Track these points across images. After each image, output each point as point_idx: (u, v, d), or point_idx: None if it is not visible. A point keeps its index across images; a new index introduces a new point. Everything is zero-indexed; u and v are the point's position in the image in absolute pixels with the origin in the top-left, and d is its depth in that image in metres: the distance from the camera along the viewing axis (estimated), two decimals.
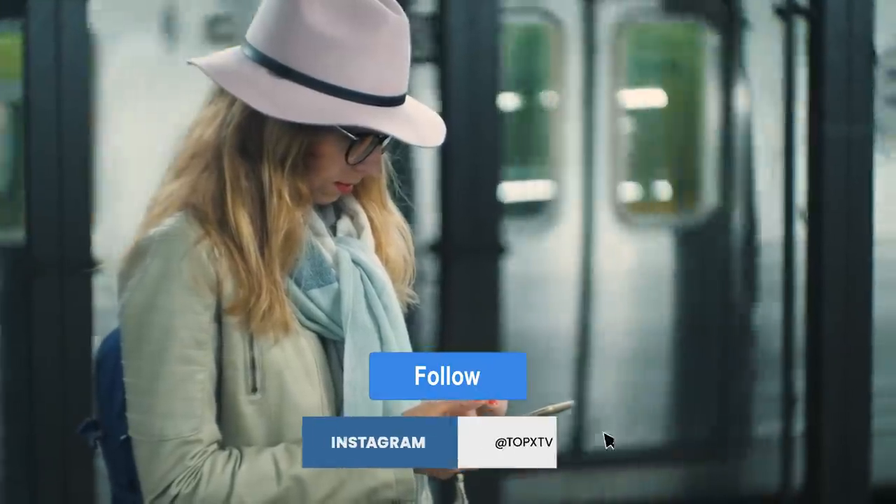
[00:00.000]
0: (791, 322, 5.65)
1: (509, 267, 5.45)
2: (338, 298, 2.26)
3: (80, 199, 4.72)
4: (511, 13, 5.96)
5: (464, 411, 2.19)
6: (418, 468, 2.23)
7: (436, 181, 5.30)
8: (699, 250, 6.54)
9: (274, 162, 2.21)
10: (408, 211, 2.45)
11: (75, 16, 4.65)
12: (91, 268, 4.59)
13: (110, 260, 2.29)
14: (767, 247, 6.42)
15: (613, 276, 6.47)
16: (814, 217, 5.24)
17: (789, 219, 5.60)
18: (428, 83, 5.30)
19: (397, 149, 2.35)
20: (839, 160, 5.18)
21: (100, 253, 4.81)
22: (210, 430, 2.20)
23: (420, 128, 2.25)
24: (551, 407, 2.25)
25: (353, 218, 2.36)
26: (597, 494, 6.33)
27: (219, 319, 2.21)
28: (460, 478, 2.27)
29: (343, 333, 2.25)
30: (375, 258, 2.34)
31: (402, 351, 2.30)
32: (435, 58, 5.12)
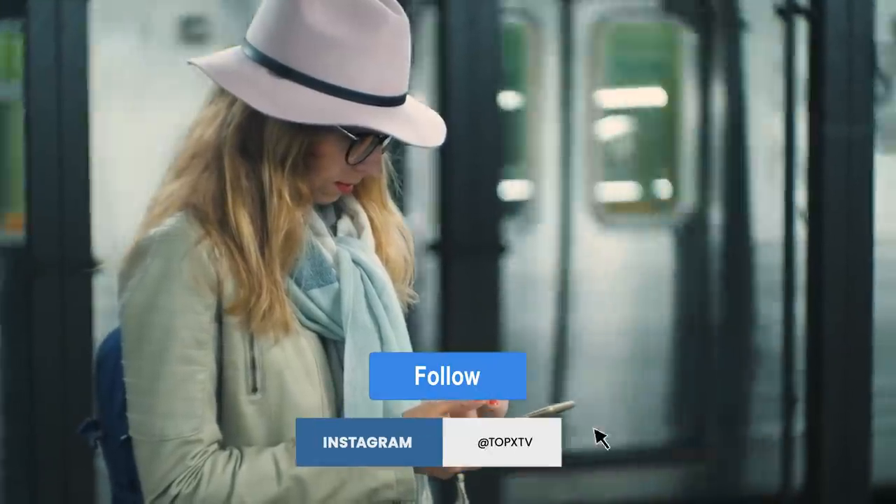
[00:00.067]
0: (791, 322, 5.64)
1: None
2: (338, 298, 2.26)
3: (80, 199, 4.72)
4: None
5: (464, 411, 2.19)
6: (419, 468, 2.23)
7: (436, 180, 5.30)
8: (677, 250, 6.52)
9: (274, 162, 2.21)
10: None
11: (75, 16, 4.65)
12: (91, 268, 4.60)
13: (110, 260, 2.29)
14: (748, 247, 6.41)
15: (591, 276, 6.45)
16: (814, 217, 5.24)
17: (789, 219, 5.60)
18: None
19: (397, 149, 2.35)
20: (839, 160, 5.18)
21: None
22: (211, 430, 2.20)
23: (420, 128, 2.25)
24: (552, 407, 2.25)
25: (353, 218, 2.36)
26: (574, 496, 6.31)
27: (219, 319, 2.21)
28: (461, 477, 2.27)
29: (343, 333, 2.25)
30: (376, 258, 2.34)
31: (403, 351, 2.30)
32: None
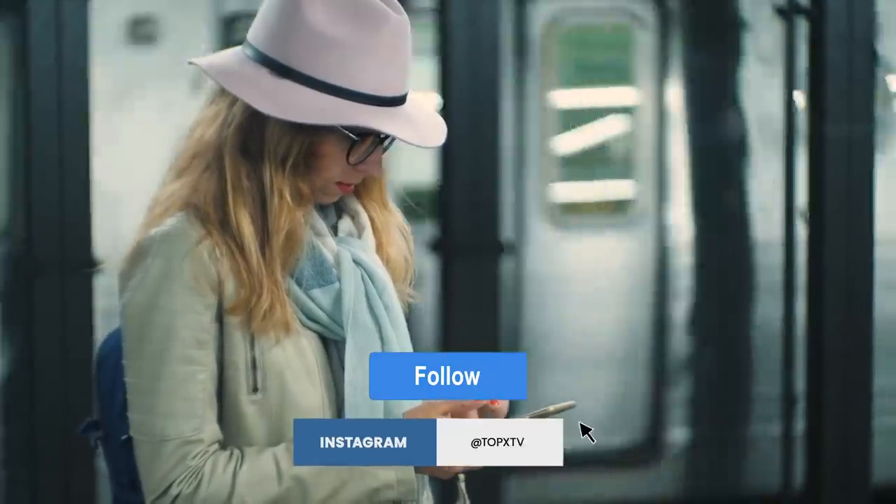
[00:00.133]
0: (792, 322, 5.64)
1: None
2: (339, 298, 2.26)
3: (81, 199, 4.72)
4: None
5: (465, 412, 2.19)
6: (419, 468, 2.23)
7: (437, 180, 5.30)
8: (631, 251, 6.48)
9: (275, 162, 2.21)
10: None
11: (76, 16, 4.65)
12: (92, 268, 4.60)
13: (111, 260, 2.29)
14: (696, 247, 6.38)
15: (544, 278, 6.41)
16: (814, 217, 5.24)
17: (790, 219, 5.60)
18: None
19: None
20: (840, 160, 5.18)
21: None
22: (211, 431, 2.20)
23: (421, 128, 2.25)
24: (552, 407, 2.25)
25: (354, 218, 2.36)
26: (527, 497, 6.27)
27: (220, 319, 2.21)
28: (461, 477, 2.27)
29: (344, 333, 2.25)
30: (376, 258, 2.34)
31: (404, 351, 2.30)
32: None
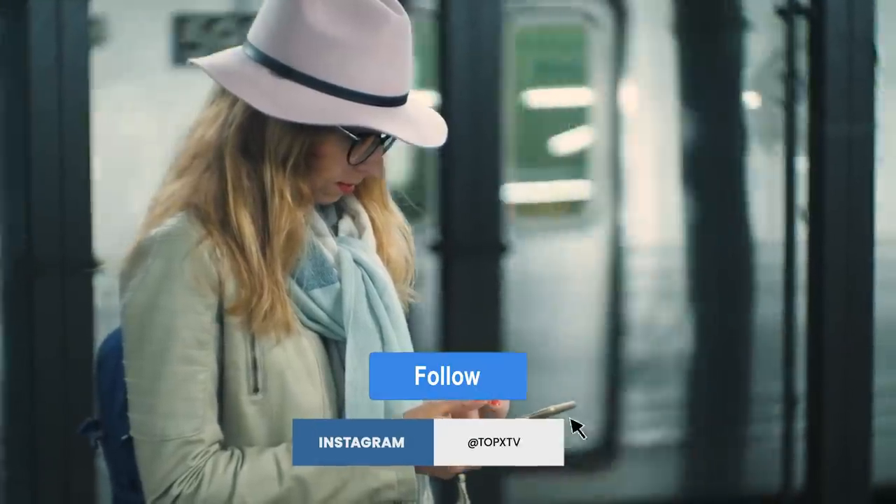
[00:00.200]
0: (792, 322, 5.64)
1: None
2: (339, 298, 2.26)
3: (81, 199, 4.72)
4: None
5: (465, 412, 2.19)
6: (420, 468, 2.23)
7: (437, 180, 5.30)
8: (586, 253, 6.44)
9: (276, 162, 2.21)
10: None
11: (76, 16, 4.65)
12: (92, 268, 4.60)
13: (112, 260, 2.30)
14: (654, 249, 6.36)
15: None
16: (814, 217, 5.24)
17: (790, 219, 5.60)
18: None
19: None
20: (840, 160, 5.18)
21: None
22: (212, 431, 2.20)
23: (422, 128, 2.25)
24: (553, 407, 2.25)
25: (354, 218, 2.36)
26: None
27: (220, 320, 2.21)
28: (462, 478, 2.26)
29: (345, 333, 2.25)
30: (377, 258, 2.34)
31: (404, 351, 2.30)
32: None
